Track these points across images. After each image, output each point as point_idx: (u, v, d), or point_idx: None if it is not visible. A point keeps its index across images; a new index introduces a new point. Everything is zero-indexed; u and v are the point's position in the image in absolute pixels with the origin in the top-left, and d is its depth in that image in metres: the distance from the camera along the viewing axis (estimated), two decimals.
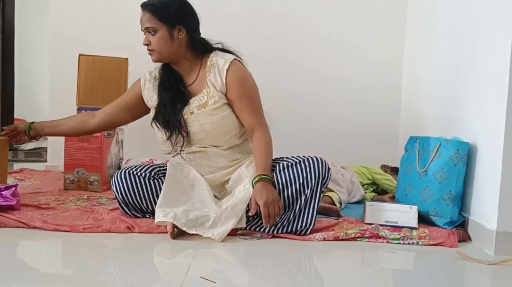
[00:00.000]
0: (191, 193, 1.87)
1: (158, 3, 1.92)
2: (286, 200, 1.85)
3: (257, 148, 1.91)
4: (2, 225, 1.79)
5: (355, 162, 2.84)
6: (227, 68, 1.93)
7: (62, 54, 3.11)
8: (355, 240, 1.84)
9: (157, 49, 1.93)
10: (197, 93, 1.96)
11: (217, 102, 1.92)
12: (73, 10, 3.14)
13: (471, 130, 2.03)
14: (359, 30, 3.23)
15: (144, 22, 1.92)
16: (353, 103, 3.24)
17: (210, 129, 1.92)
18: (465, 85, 2.14)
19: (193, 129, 1.93)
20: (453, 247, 1.81)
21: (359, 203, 2.50)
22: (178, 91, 1.96)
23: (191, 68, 1.99)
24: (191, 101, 1.95)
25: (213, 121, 1.92)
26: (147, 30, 1.92)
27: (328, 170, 1.87)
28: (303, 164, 1.86)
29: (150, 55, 1.96)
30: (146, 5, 1.93)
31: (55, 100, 3.14)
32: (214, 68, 1.95)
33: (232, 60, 1.95)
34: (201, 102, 1.94)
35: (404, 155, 2.30)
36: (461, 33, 2.24)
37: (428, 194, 2.02)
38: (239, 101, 1.93)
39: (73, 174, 2.53)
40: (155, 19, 1.90)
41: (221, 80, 1.93)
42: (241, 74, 1.95)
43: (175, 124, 1.92)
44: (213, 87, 1.93)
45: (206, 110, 1.92)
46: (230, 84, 1.93)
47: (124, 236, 1.78)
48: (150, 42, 1.92)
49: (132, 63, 2.74)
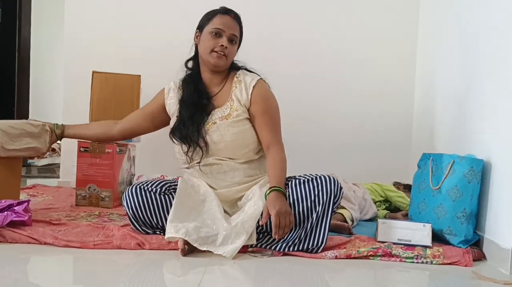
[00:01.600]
0: (201, 209, 1.87)
1: (241, 20, 2.07)
2: (297, 217, 1.83)
3: (272, 163, 1.94)
4: (14, 241, 1.80)
5: (367, 178, 2.82)
6: (254, 85, 2.02)
7: (76, 71, 3.15)
8: (368, 258, 1.82)
9: (229, 57, 2.02)
10: (220, 105, 2.01)
11: (239, 115, 1.98)
12: (87, 28, 3.19)
13: (485, 147, 2.00)
14: (371, 48, 3.22)
15: (234, 29, 2.02)
16: (364, 120, 3.22)
17: (230, 140, 1.96)
18: (478, 102, 2.12)
19: (213, 139, 1.97)
20: (468, 266, 1.77)
21: (371, 220, 2.48)
22: (199, 106, 2.00)
23: (218, 80, 2.06)
24: (213, 113, 2.00)
25: (234, 133, 1.96)
26: (230, 36, 2.00)
27: (340, 189, 1.85)
28: (315, 182, 1.86)
29: (218, 58, 1.99)
30: (236, 16, 2.05)
31: (69, 116, 3.16)
32: (240, 84, 2.03)
33: (259, 79, 2.05)
34: (224, 114, 1.99)
35: (417, 172, 2.27)
36: (474, 49, 2.22)
37: (442, 211, 1.99)
38: (260, 117, 1.99)
39: (85, 190, 2.53)
40: (240, 33, 2.06)
41: (246, 95, 2.00)
42: (265, 92, 2.03)
43: (193, 138, 1.96)
44: (238, 102, 1.99)
45: (228, 122, 1.97)
46: (254, 99, 2.00)
47: (135, 253, 1.77)
48: (227, 47, 1.99)
49: (145, 80, 2.77)
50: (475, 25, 2.24)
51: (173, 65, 3.13)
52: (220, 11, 2.04)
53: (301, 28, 3.22)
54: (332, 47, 3.22)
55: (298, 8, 3.21)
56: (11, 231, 1.82)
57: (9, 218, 1.84)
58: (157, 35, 3.16)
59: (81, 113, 2.85)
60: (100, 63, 2.90)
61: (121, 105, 2.69)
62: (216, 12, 2.04)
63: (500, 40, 1.95)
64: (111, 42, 3.18)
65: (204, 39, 2.03)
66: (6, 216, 1.84)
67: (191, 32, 3.29)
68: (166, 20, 3.17)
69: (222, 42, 1.98)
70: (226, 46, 1.98)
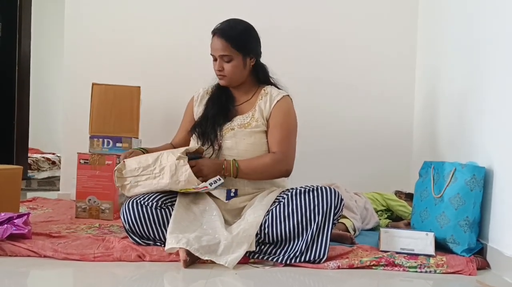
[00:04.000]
0: (202, 219, 1.86)
1: (234, 32, 1.99)
2: (296, 227, 1.82)
3: (261, 156, 1.97)
4: (13, 254, 1.78)
5: (368, 188, 2.80)
6: (279, 100, 2.03)
7: (75, 83, 3.15)
8: (370, 268, 1.80)
9: (229, 76, 2.01)
10: (243, 113, 2.04)
11: (258, 126, 2.00)
12: (86, 41, 3.19)
13: (487, 155, 1.99)
14: (371, 54, 3.22)
15: (220, 49, 1.98)
16: (364, 129, 3.20)
17: (243, 149, 1.97)
18: (479, 108, 2.11)
19: (226, 145, 1.98)
20: (472, 275, 1.75)
21: (373, 229, 2.46)
22: (225, 108, 2.04)
23: (245, 92, 2.08)
24: (234, 119, 2.02)
25: (248, 143, 1.97)
26: (221, 57, 1.98)
27: (341, 201, 1.84)
28: (315, 192, 1.85)
29: (220, 79, 2.04)
30: (222, 33, 1.99)
31: (68, 128, 3.17)
32: (266, 96, 2.05)
33: (285, 95, 2.06)
34: (244, 122, 2.01)
35: (418, 180, 2.26)
36: (475, 55, 2.22)
37: (444, 220, 1.98)
38: (275, 128, 2.00)
39: (85, 202, 2.52)
40: (232, 48, 1.98)
41: (269, 107, 2.02)
42: (287, 108, 2.04)
43: (210, 136, 1.98)
44: (260, 112, 2.02)
45: (245, 131, 1.99)
46: (275, 111, 2.02)
47: (135, 265, 1.76)
48: (223, 68, 1.99)
49: (144, 91, 2.77)
50: (476, 31, 2.24)
51: (173, 76, 3.17)
52: (212, 32, 2.03)
53: (300, 30, 3.20)
54: (331, 52, 3.20)
55: (297, 12, 3.20)
56: (11, 244, 1.81)
57: (8, 231, 1.82)
58: (157, 47, 3.16)
59: (81, 125, 2.85)
60: (99, 75, 2.91)
61: (121, 117, 2.68)
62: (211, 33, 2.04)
63: (501, 47, 1.95)
64: (111, 54, 3.18)
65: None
66: (5, 229, 1.82)
67: (191, 43, 3.32)
68: (166, 31, 3.18)
69: (215, 66, 2.02)
70: (219, 69, 2.00)
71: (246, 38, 2.03)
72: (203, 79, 2.19)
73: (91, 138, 2.65)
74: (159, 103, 3.08)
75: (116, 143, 2.64)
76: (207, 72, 2.14)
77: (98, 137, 2.63)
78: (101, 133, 2.65)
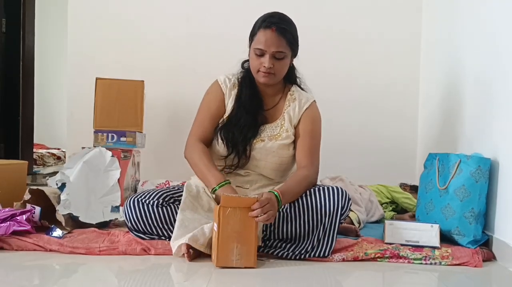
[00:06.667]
0: (206, 220, 1.81)
1: (292, 29, 1.90)
2: (303, 227, 1.82)
3: (294, 175, 1.90)
4: (19, 249, 1.79)
5: (373, 180, 2.79)
6: (307, 107, 1.98)
7: (79, 78, 3.15)
8: (375, 260, 1.80)
9: (278, 74, 1.90)
10: (271, 121, 1.98)
11: (288, 137, 1.95)
12: (90, 36, 3.19)
13: (492, 146, 1.98)
14: (376, 47, 3.20)
15: (276, 45, 1.84)
16: (370, 121, 3.19)
17: (271, 162, 1.93)
18: (484, 100, 2.10)
19: (256, 155, 1.93)
20: (478, 266, 1.75)
21: (378, 222, 2.46)
22: (256, 117, 1.94)
23: (274, 93, 2.01)
24: (262, 128, 1.96)
25: (277, 156, 1.93)
26: (274, 54, 1.85)
27: (348, 201, 1.82)
28: (322, 192, 1.83)
29: (264, 76, 1.88)
30: (281, 28, 1.85)
31: (73, 123, 3.17)
32: (294, 102, 1.99)
33: (313, 101, 2.01)
34: (274, 132, 1.96)
35: (423, 172, 2.25)
36: (481, 48, 2.21)
37: (449, 211, 1.97)
38: (303, 137, 1.95)
39: None
40: (287, 45, 1.86)
41: (298, 114, 1.97)
42: (316, 115, 2.00)
43: (239, 148, 1.90)
44: (288, 121, 1.97)
45: (276, 144, 1.93)
46: (303, 119, 1.97)
47: (140, 258, 1.76)
48: (273, 65, 1.86)
49: (148, 85, 2.77)
50: (482, 25, 2.22)
51: (177, 70, 3.17)
52: (263, 25, 1.87)
53: (305, 27, 3.17)
54: (336, 45, 3.18)
55: (300, 6, 3.19)
56: (17, 239, 1.82)
57: (11, 228, 1.82)
58: (160, 41, 3.16)
59: (85, 119, 2.85)
60: (103, 70, 2.91)
61: (124, 111, 2.69)
62: (260, 26, 1.88)
63: (509, 39, 1.93)
64: (114, 49, 3.18)
65: (251, 56, 1.92)
66: (8, 226, 1.82)
67: (194, 37, 3.30)
68: (169, 26, 3.17)
69: (265, 62, 1.85)
70: (271, 66, 1.85)
71: (296, 36, 1.92)
72: (207, 73, 2.18)
73: (96, 133, 2.66)
74: (163, 98, 3.07)
75: (120, 137, 2.65)
76: (211, 66, 2.13)
77: (103, 131, 2.63)
78: (106, 128, 2.65)
